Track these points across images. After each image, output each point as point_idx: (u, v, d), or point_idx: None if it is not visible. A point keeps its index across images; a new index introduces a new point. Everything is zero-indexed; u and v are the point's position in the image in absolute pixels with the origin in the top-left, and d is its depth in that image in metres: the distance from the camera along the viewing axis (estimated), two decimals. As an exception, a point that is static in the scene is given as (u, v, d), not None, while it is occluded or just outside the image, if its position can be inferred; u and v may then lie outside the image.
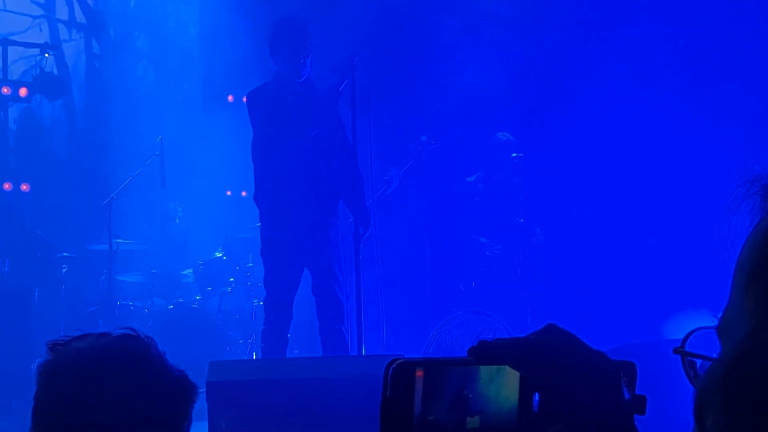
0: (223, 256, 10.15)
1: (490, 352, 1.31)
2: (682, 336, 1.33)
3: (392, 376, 1.29)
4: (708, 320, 1.27)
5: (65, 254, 10.49)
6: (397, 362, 1.29)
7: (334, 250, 7.32)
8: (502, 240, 9.69)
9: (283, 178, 7.21)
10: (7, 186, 11.16)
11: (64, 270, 10.37)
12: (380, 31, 10.29)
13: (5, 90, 11.22)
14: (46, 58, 11.92)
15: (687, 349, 1.29)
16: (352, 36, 9.07)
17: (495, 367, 1.31)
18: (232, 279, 10.01)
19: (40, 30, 14.53)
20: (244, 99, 7.53)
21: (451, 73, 10.28)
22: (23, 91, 11.37)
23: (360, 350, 6.88)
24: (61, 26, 14.79)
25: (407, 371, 1.28)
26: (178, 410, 1.98)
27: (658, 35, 9.97)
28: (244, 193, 10.76)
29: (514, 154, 9.57)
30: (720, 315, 1.22)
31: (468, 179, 9.90)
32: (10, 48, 11.81)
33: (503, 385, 1.31)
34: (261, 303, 7.97)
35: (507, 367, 1.31)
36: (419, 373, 1.29)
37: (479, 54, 10.25)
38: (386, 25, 10.42)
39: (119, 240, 9.90)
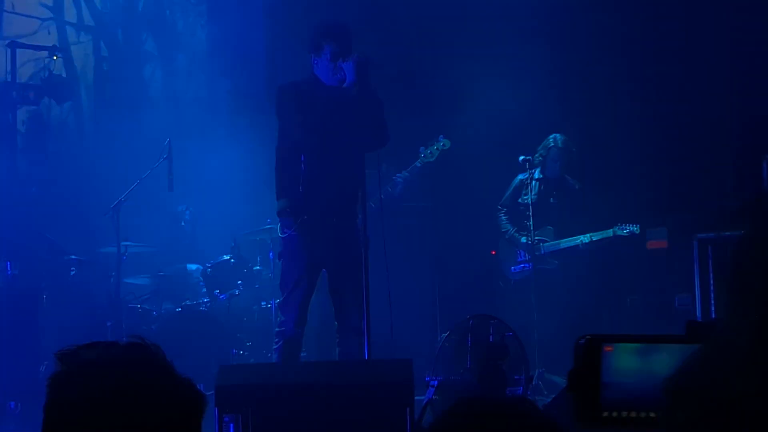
0: (231, 258, 10.14)
1: None
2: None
3: (583, 350, 1.47)
4: None
5: (73, 257, 10.48)
6: (587, 338, 1.46)
7: (353, 253, 7.30)
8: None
9: (305, 178, 7.20)
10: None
11: (72, 273, 10.36)
12: (390, 31, 10.28)
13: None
14: (54, 60, 11.90)
15: None
16: (361, 36, 9.05)
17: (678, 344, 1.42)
18: (240, 282, 9.99)
19: (48, 32, 14.53)
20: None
21: (464, 74, 10.26)
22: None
23: (368, 355, 6.87)
24: (69, 29, 14.79)
25: (596, 345, 1.43)
26: (187, 422, 1.97)
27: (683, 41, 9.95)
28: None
29: (522, 157, 9.56)
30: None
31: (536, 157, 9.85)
32: (18, 50, 11.80)
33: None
34: (269, 306, 7.96)
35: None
36: (608, 348, 1.43)
37: (494, 55, 10.24)
38: (397, 25, 10.41)
39: (127, 243, 9.88)
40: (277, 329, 7.44)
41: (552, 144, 9.80)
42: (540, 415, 1.42)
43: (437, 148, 9.44)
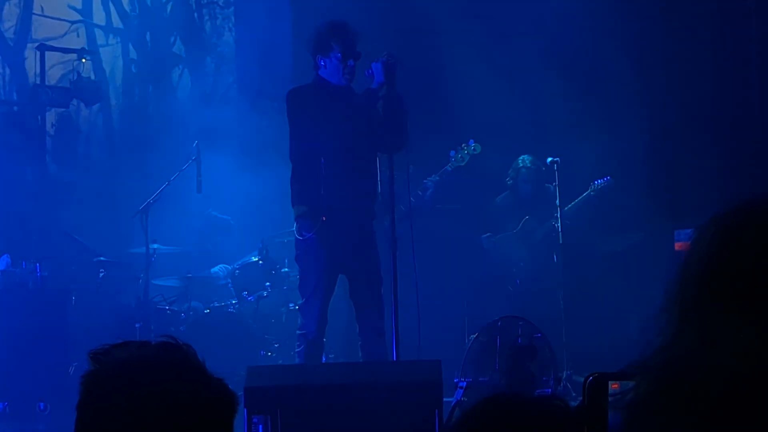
0: (259, 260, 10.15)
1: None
2: None
3: (590, 388, 1.43)
4: None
5: (102, 258, 10.52)
6: (594, 376, 1.42)
7: (371, 255, 7.30)
8: (538, 242, 9.71)
9: (320, 181, 7.20)
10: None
11: (101, 274, 10.40)
12: (417, 33, 10.27)
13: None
14: (83, 63, 11.96)
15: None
16: (389, 38, 9.04)
17: None
18: (268, 283, 10.00)
19: (78, 35, 14.62)
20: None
21: (493, 77, 10.24)
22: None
23: (397, 356, 6.86)
24: (97, 31, 14.87)
25: (602, 383, 1.38)
26: (220, 421, 1.97)
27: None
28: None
29: (550, 159, 9.55)
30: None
31: (507, 180, 9.97)
32: (47, 53, 11.86)
33: None
34: (297, 307, 8.00)
35: None
36: (614, 385, 1.39)
37: (521, 57, 10.22)
38: (424, 27, 10.40)
39: (156, 245, 9.91)
40: (298, 332, 7.43)
41: (521, 165, 9.89)
42: (570, 412, 1.41)
43: (468, 153, 9.43)
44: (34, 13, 14.50)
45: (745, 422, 1.04)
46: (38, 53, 11.70)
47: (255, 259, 10.20)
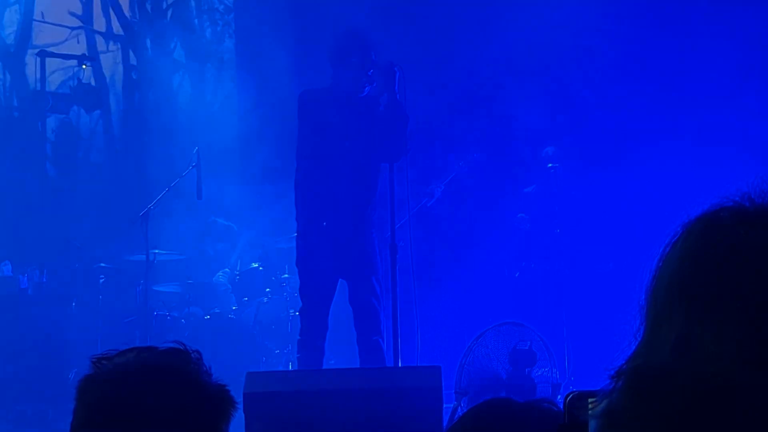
0: (259, 266, 10.16)
1: None
2: None
3: (569, 405, 1.38)
4: None
5: (102, 264, 10.53)
6: (574, 393, 1.39)
7: (370, 261, 7.31)
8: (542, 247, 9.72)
9: (322, 186, 7.21)
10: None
11: (102, 280, 10.41)
12: (421, 38, 10.29)
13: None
14: (84, 69, 11.98)
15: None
16: (392, 43, 9.05)
17: None
18: (268, 289, 10.01)
19: (78, 41, 14.65)
20: None
21: (496, 82, 10.25)
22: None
23: (396, 362, 6.87)
24: (98, 38, 14.90)
25: (582, 401, 1.35)
26: (213, 427, 1.98)
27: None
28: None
29: (550, 165, 9.56)
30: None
31: (526, 190, 9.93)
32: (48, 59, 11.88)
33: None
34: (297, 313, 8.03)
35: None
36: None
37: (524, 63, 10.23)
38: (427, 32, 10.42)
39: (156, 250, 9.92)
40: (298, 338, 7.44)
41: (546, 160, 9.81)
42: (559, 414, 1.42)
43: (471, 161, 9.47)
44: (34, 20, 14.53)
45: (716, 430, 1.04)
46: (39, 59, 11.71)
47: (255, 265, 10.22)
